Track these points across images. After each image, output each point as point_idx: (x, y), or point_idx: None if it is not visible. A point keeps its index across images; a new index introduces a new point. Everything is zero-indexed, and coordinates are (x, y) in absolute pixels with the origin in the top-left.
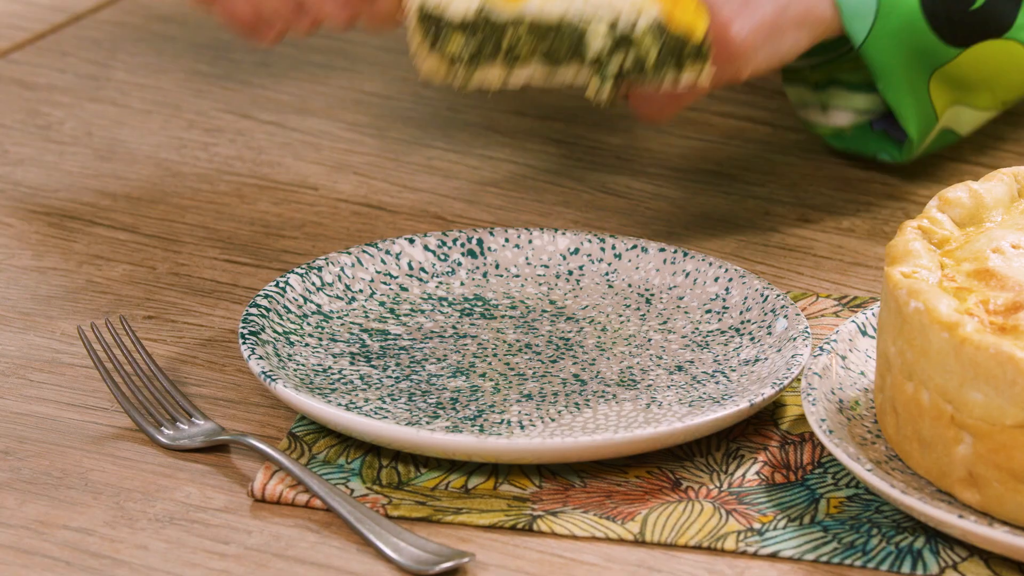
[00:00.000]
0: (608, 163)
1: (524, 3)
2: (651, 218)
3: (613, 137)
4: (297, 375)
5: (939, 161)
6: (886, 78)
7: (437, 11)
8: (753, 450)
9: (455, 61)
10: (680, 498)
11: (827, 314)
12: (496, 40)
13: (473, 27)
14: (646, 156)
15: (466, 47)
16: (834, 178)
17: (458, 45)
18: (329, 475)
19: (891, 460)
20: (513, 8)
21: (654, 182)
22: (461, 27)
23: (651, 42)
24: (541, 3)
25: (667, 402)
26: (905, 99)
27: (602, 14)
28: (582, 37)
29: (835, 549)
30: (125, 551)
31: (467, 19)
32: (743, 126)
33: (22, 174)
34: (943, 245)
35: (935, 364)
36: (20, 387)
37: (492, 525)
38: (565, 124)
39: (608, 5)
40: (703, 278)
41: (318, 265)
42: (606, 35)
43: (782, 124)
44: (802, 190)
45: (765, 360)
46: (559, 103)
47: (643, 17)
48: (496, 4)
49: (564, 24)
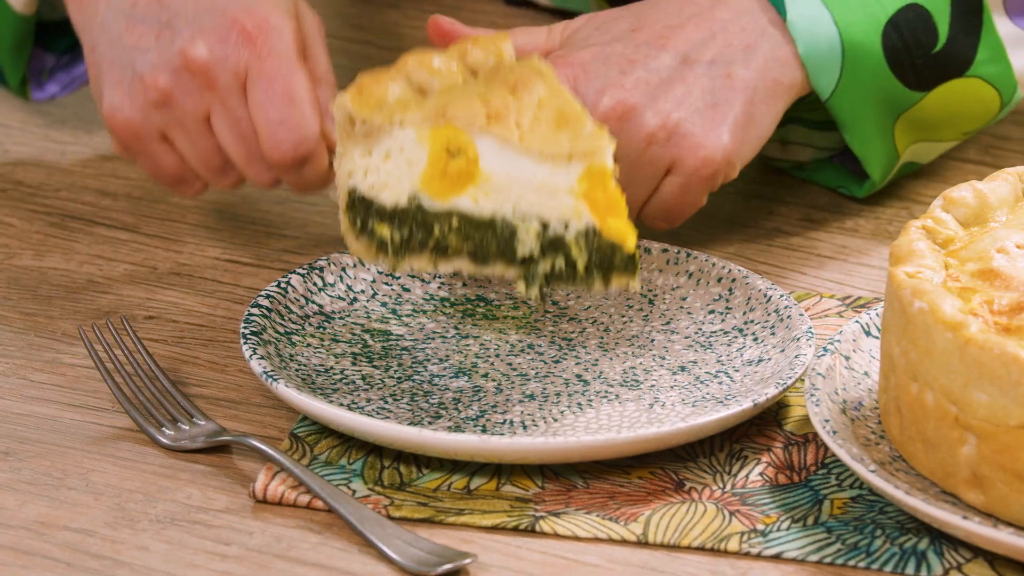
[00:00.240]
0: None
1: (457, 196)
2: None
3: None
4: (299, 375)
5: (943, 161)
6: (852, 127)
7: (369, 195)
8: (756, 451)
9: (383, 248)
10: (683, 499)
11: (831, 314)
12: (425, 231)
13: (403, 217)
14: None
15: (394, 236)
16: None
17: (386, 233)
18: (331, 476)
19: (895, 461)
20: (445, 200)
21: None
22: (391, 216)
23: (582, 248)
24: (474, 198)
25: (670, 402)
26: (870, 145)
27: (535, 215)
28: (513, 236)
29: (839, 550)
30: (126, 552)
31: (398, 207)
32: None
33: (23, 173)
34: (947, 245)
35: (939, 364)
36: (21, 387)
37: (494, 526)
38: None
39: (541, 207)
40: (706, 278)
41: (320, 265)
42: (537, 237)
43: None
44: (805, 190)
45: (768, 360)
46: None
47: (576, 222)
48: (429, 195)
49: (496, 221)
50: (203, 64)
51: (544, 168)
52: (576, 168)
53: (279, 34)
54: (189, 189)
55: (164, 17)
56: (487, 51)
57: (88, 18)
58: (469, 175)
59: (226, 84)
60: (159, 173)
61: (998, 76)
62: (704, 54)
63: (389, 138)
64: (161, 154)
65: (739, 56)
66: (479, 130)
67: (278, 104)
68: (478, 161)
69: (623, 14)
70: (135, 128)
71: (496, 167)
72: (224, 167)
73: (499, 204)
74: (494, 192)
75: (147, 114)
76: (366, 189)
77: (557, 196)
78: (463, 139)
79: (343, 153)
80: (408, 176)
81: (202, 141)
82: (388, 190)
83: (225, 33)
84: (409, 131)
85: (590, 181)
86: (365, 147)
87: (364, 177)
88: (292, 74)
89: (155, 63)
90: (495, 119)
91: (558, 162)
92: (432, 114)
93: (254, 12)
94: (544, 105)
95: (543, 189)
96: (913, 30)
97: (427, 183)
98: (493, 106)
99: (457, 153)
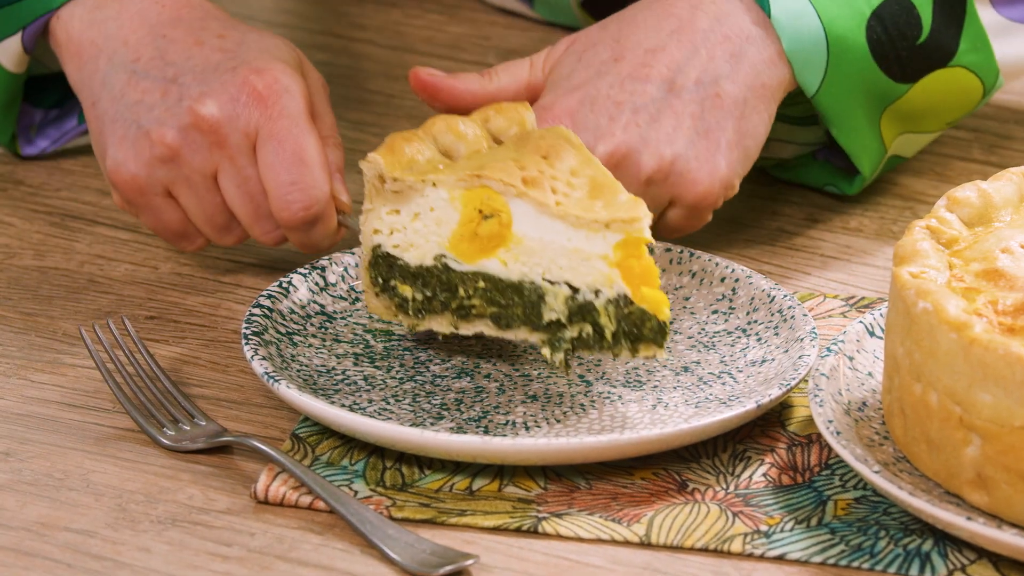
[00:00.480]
0: None
1: (485, 259)
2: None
3: None
4: (300, 376)
5: (947, 160)
6: (839, 122)
7: (393, 254)
8: (760, 452)
9: (402, 307)
10: (686, 500)
11: (834, 314)
12: (449, 293)
13: (427, 277)
14: None
15: (415, 296)
16: None
17: (408, 292)
18: (332, 477)
19: (899, 462)
20: (473, 262)
21: None
22: (415, 276)
23: (612, 316)
24: (503, 261)
25: (673, 403)
26: (858, 140)
27: (564, 281)
28: (540, 300)
29: (842, 551)
30: (127, 553)
31: (423, 267)
32: None
33: (23, 172)
34: (952, 245)
35: (943, 365)
36: (21, 388)
37: (497, 527)
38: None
39: (572, 273)
40: (709, 278)
41: (322, 265)
42: (566, 302)
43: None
44: (809, 189)
45: (772, 361)
46: None
47: (607, 290)
48: (456, 256)
49: (524, 285)
50: (213, 123)
51: (579, 234)
52: (613, 237)
53: (290, 95)
54: (191, 244)
55: (169, 73)
56: (509, 119)
57: (88, 75)
58: (501, 238)
59: (236, 143)
60: (161, 228)
61: (981, 64)
62: (690, 75)
63: (421, 198)
64: (165, 209)
65: (725, 70)
66: (516, 194)
67: (289, 165)
68: (511, 224)
69: (603, 37)
70: (140, 183)
71: (529, 231)
72: (229, 224)
73: (529, 268)
74: (524, 256)
75: (152, 169)
76: (391, 247)
77: (590, 262)
78: (498, 201)
79: (370, 210)
80: (436, 236)
81: (208, 198)
82: (414, 249)
83: (236, 92)
84: (442, 191)
85: (626, 250)
86: (394, 206)
87: (390, 235)
88: (303, 135)
89: (162, 119)
90: (531, 183)
91: (594, 229)
92: (467, 175)
93: (265, 73)
94: (577, 173)
95: (576, 255)
96: (897, 22)
97: (456, 244)
98: (528, 171)
99: (490, 215)
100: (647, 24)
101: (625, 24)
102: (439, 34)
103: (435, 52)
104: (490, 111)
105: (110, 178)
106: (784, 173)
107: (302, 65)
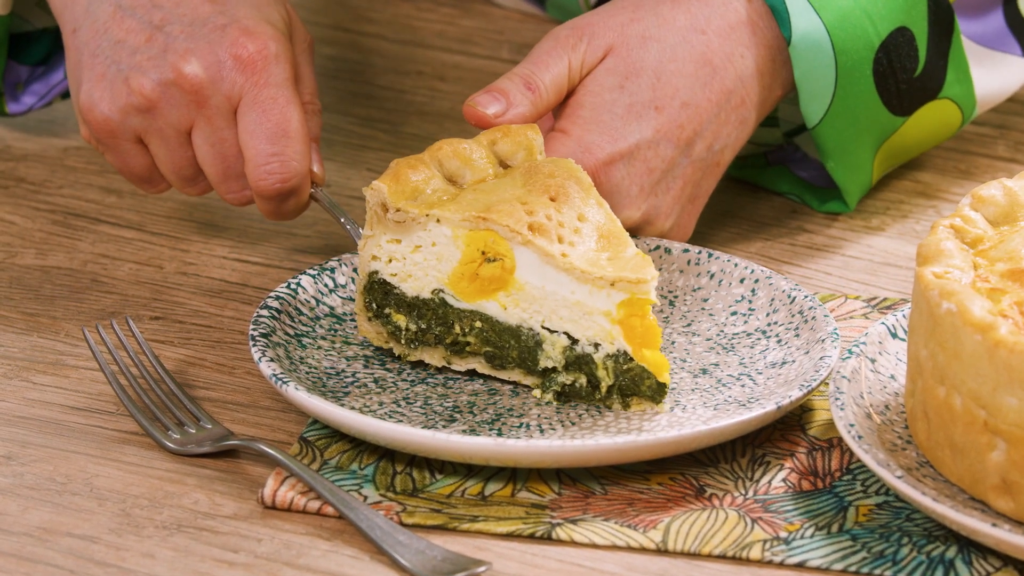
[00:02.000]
0: None
1: (484, 300)
2: None
3: None
4: (309, 378)
5: (972, 158)
6: (838, 156)
7: (390, 282)
8: (779, 456)
9: (395, 335)
10: (704, 506)
11: (856, 316)
12: (444, 328)
13: (423, 309)
14: None
15: (409, 326)
16: None
17: (402, 322)
18: (341, 481)
19: (922, 467)
20: (471, 302)
21: None
22: (410, 306)
23: (610, 370)
24: (503, 305)
25: (691, 405)
26: (853, 175)
27: (563, 330)
28: (538, 347)
29: (864, 559)
30: (131, 559)
31: (419, 299)
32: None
33: (25, 169)
34: (976, 244)
35: (968, 368)
36: (23, 390)
37: (510, 533)
38: None
39: (573, 324)
40: (728, 279)
41: (331, 266)
42: (563, 352)
43: None
44: None
45: (792, 363)
46: None
47: (607, 345)
48: (455, 293)
49: (522, 330)
50: (196, 83)
51: (583, 288)
52: (617, 295)
53: (278, 63)
54: (153, 188)
55: (156, 17)
56: (516, 143)
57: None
58: (502, 281)
59: (217, 105)
60: (126, 170)
61: (962, 95)
62: (705, 140)
63: (423, 231)
64: (133, 154)
65: (731, 138)
66: (521, 241)
67: (271, 136)
68: (514, 270)
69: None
70: (112, 126)
71: (532, 279)
72: (195, 178)
73: (529, 315)
74: (525, 302)
75: (127, 115)
76: (388, 275)
77: (592, 317)
78: (503, 246)
79: (370, 235)
80: (436, 271)
81: (179, 152)
82: (412, 280)
83: (223, 55)
84: (446, 228)
85: (630, 309)
86: (395, 235)
87: (388, 263)
88: (288, 106)
89: (143, 67)
90: (537, 231)
91: (599, 285)
92: (472, 216)
93: (255, 36)
94: (584, 219)
95: (578, 308)
96: (900, 54)
97: (455, 281)
98: (536, 217)
99: (494, 259)
100: (685, 68)
101: (666, 52)
102: (451, 28)
103: (447, 46)
104: (497, 133)
105: (81, 113)
106: (756, 178)
107: (291, 23)
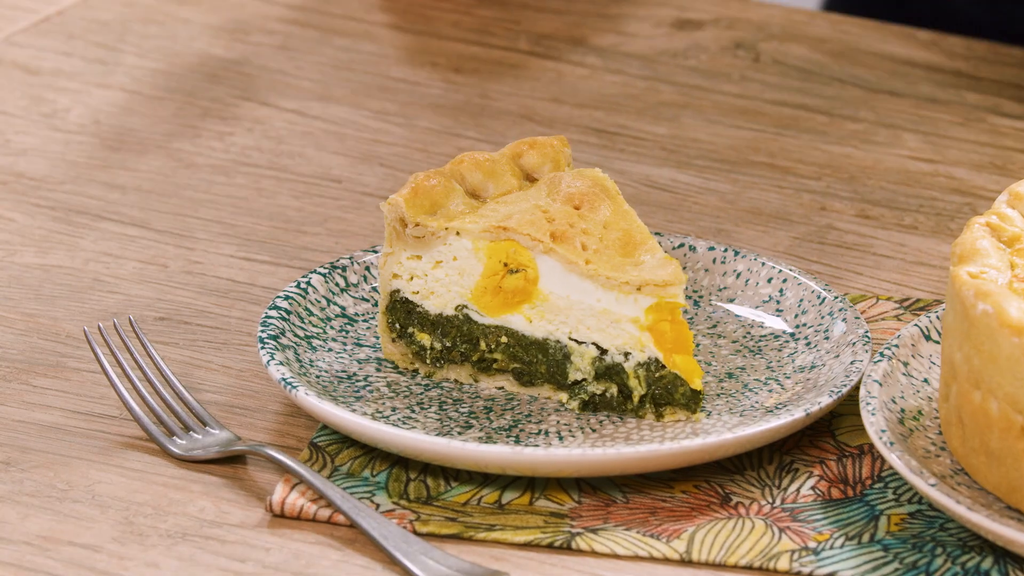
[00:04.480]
0: (653, 154)
1: (509, 313)
2: (699, 214)
3: (658, 127)
4: (320, 382)
5: (1008, 153)
6: None
7: (412, 300)
8: (808, 463)
9: (420, 355)
10: (729, 514)
11: (888, 317)
12: (470, 345)
13: (447, 327)
14: (693, 147)
15: (434, 344)
16: (896, 171)
17: (427, 341)
18: (353, 489)
19: (957, 474)
20: (496, 316)
21: (702, 175)
22: (434, 324)
23: (641, 379)
24: (528, 318)
25: (716, 411)
26: None
27: (591, 341)
28: (566, 360)
29: (896, 570)
30: (134, 569)
31: (443, 316)
32: (797, 114)
33: (25, 165)
34: (1013, 243)
35: (1005, 371)
36: (23, 393)
37: (528, 543)
38: (606, 112)
39: (601, 334)
40: (755, 279)
41: (342, 264)
42: (592, 363)
43: (839, 113)
44: (861, 184)
45: (822, 367)
46: (599, 89)
47: (638, 353)
48: (479, 308)
49: (549, 343)
50: None
51: (609, 296)
52: (645, 300)
53: None
54: None
55: None
56: (543, 156)
57: None
58: (526, 293)
59: None
60: None
61: None
62: None
63: (444, 246)
64: None
65: None
66: (543, 250)
67: None
68: (538, 281)
69: None
70: None
71: (556, 288)
72: None
73: (555, 326)
74: (551, 313)
75: None
76: (410, 293)
77: (620, 325)
78: (525, 256)
79: (390, 252)
80: (459, 286)
81: None
82: (435, 298)
83: None
84: (466, 241)
85: (658, 314)
86: (415, 251)
87: (409, 281)
88: None
89: None
90: (560, 239)
91: (625, 291)
92: (492, 227)
93: None
94: (610, 226)
95: (605, 316)
96: None
97: (479, 296)
98: (557, 224)
99: (516, 270)
100: None
101: None
102: (466, 17)
103: (463, 37)
104: (524, 146)
105: None
106: None
107: None
